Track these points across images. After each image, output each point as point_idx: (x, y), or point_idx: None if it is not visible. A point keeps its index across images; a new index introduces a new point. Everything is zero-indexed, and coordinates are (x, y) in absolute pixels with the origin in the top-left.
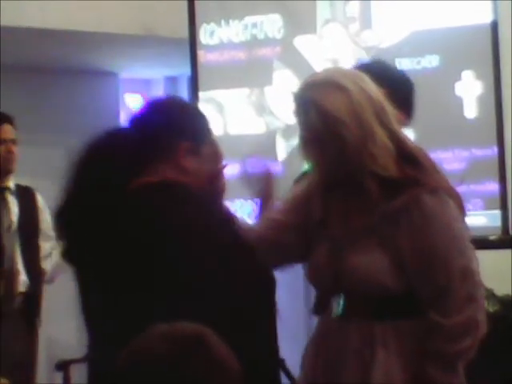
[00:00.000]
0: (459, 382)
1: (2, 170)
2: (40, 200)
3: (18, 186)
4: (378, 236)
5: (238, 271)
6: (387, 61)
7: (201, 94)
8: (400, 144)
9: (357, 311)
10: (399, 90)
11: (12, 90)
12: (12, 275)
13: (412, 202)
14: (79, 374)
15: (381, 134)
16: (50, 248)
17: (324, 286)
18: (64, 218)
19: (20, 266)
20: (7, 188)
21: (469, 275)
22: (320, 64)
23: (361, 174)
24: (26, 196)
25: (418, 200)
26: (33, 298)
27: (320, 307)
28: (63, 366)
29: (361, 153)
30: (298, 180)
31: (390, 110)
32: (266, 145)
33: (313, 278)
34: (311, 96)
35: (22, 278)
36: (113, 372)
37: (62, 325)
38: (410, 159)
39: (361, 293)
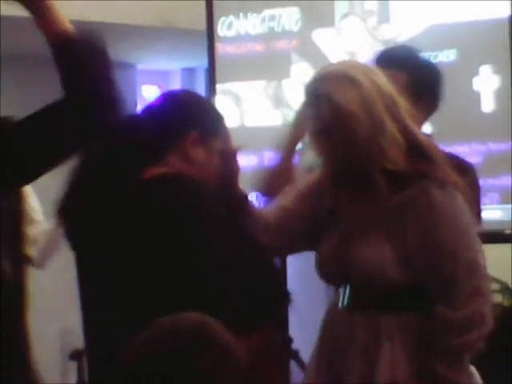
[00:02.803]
0: (465, 375)
1: None
2: (26, 188)
3: None
4: (386, 229)
5: (252, 261)
6: (413, 47)
7: (218, 86)
8: (410, 138)
9: (363, 303)
10: (422, 77)
11: (28, 81)
12: None
13: (420, 195)
14: None
15: (391, 128)
16: (36, 233)
17: (331, 277)
18: (72, 206)
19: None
20: None
21: (476, 269)
22: (337, 57)
23: (370, 167)
24: None
25: (426, 193)
26: (15, 287)
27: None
28: (77, 356)
29: (370, 147)
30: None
31: (402, 104)
32: (282, 137)
33: (320, 268)
34: (323, 89)
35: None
36: (115, 365)
37: (75, 314)
38: (420, 153)
39: (367, 285)
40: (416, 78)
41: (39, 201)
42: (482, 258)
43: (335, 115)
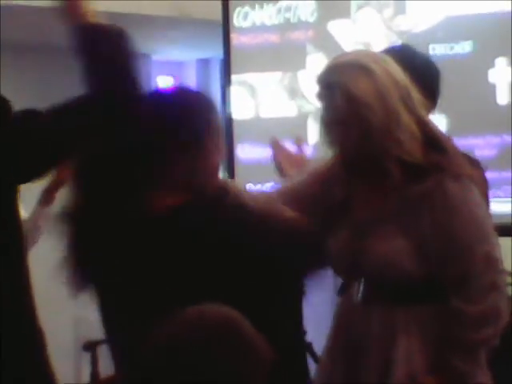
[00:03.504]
0: (481, 370)
1: None
2: None
3: None
4: (401, 221)
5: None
6: (415, 46)
7: (233, 77)
8: (426, 129)
9: (377, 296)
10: (422, 74)
11: (41, 71)
12: None
13: (435, 188)
14: (107, 354)
15: (406, 119)
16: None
17: (344, 270)
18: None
19: None
20: None
21: (492, 262)
22: (353, 48)
23: (384, 158)
24: None
25: (442, 185)
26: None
27: (343, 291)
28: (91, 347)
29: (385, 137)
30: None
31: (416, 96)
32: (297, 128)
33: (333, 262)
34: (337, 78)
35: None
36: (141, 356)
37: (89, 305)
38: (436, 145)
39: (382, 278)
40: (416, 75)
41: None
42: (498, 251)
43: (350, 105)
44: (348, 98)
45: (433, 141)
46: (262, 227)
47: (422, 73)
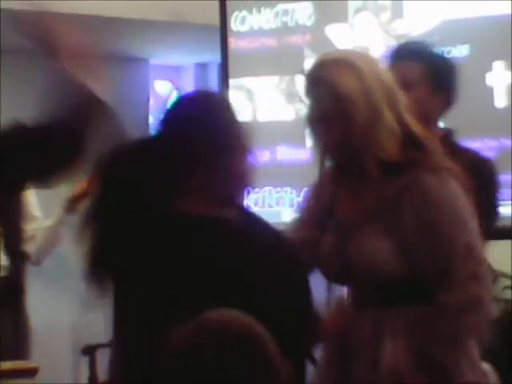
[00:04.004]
0: (468, 367)
1: None
2: None
3: None
4: (382, 220)
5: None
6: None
7: (231, 81)
8: (406, 128)
9: (366, 299)
10: (440, 70)
11: (41, 75)
12: None
13: (412, 182)
14: (105, 358)
15: (389, 117)
16: (33, 230)
17: (332, 275)
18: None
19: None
20: None
21: (472, 253)
22: None
23: (364, 157)
24: None
25: (418, 180)
26: (14, 283)
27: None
28: (89, 351)
29: (366, 135)
30: None
31: (400, 95)
32: (295, 132)
33: (321, 267)
34: (323, 74)
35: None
36: (155, 360)
37: (87, 308)
38: (415, 143)
39: (368, 279)
40: (434, 70)
41: (38, 197)
42: (478, 241)
43: (335, 100)
44: (333, 93)
45: (411, 138)
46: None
47: (436, 69)
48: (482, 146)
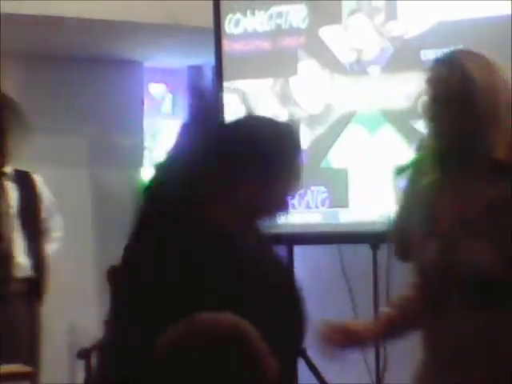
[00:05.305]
0: None
1: None
2: (39, 184)
3: (17, 172)
4: (491, 220)
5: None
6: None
7: (225, 84)
8: None
9: (469, 299)
10: None
11: (37, 78)
12: (7, 259)
13: None
14: None
15: (506, 119)
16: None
17: (436, 280)
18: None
19: (21, 251)
20: (3, 174)
21: None
22: (344, 54)
23: (477, 150)
24: (24, 181)
25: None
26: (35, 283)
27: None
28: (85, 354)
29: (483, 129)
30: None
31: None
32: None
33: (424, 273)
34: (462, 59)
35: (23, 263)
36: (146, 361)
37: (83, 312)
38: None
39: (476, 284)
40: None
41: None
42: None
43: (465, 86)
44: (466, 78)
45: None
46: None
47: None
48: None
